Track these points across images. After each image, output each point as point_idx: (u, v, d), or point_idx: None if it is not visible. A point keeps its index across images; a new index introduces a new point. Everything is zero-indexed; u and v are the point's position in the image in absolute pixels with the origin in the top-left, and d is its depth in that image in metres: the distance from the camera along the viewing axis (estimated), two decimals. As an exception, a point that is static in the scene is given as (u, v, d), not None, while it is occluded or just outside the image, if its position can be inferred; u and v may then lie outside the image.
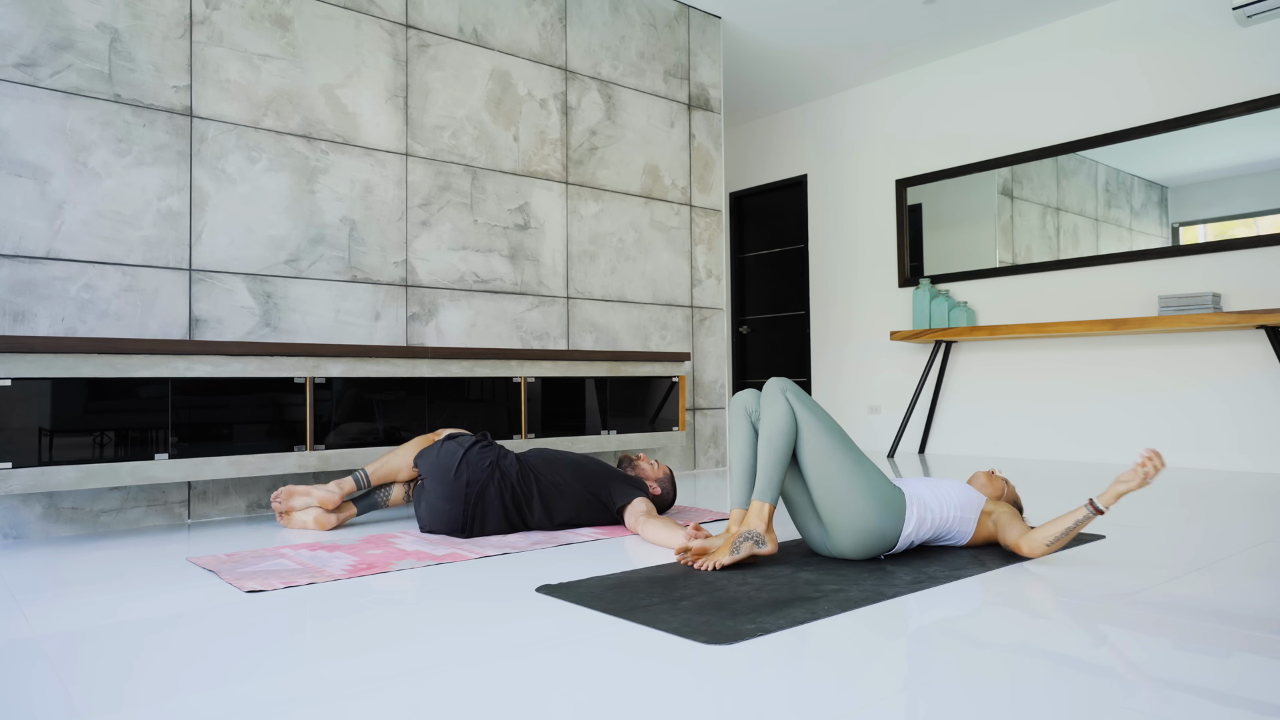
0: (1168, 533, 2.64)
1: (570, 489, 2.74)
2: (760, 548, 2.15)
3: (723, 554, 2.13)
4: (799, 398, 2.27)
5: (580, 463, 2.82)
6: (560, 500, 2.73)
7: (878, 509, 2.16)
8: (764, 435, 2.22)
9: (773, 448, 2.20)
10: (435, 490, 2.66)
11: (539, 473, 2.76)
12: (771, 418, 2.23)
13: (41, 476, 2.56)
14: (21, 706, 1.28)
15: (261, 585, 2.02)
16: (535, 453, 2.84)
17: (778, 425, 2.21)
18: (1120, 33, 4.89)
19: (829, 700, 1.27)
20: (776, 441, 2.20)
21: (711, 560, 2.12)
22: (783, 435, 2.21)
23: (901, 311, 5.92)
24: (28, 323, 2.80)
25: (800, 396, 2.27)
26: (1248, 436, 4.39)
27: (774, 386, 2.29)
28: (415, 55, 3.74)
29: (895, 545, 2.21)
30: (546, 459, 2.82)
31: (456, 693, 1.32)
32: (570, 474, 2.77)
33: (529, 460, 2.80)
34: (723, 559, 2.11)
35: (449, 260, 3.80)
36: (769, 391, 2.29)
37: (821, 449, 2.20)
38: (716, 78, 4.97)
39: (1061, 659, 1.45)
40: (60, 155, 2.88)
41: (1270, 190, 4.35)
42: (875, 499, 2.16)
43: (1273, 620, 1.68)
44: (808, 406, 2.26)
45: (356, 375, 3.20)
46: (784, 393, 2.26)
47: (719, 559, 2.12)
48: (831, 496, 2.18)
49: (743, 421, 2.36)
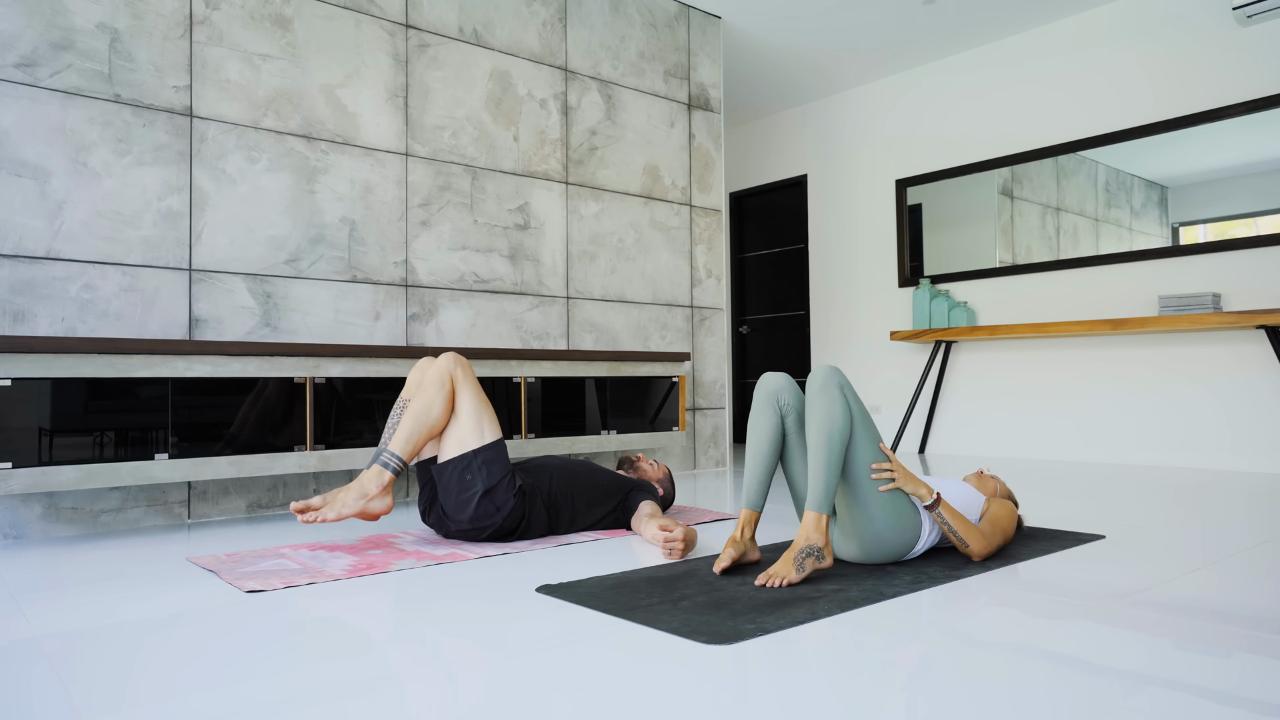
0: (1167, 533, 2.64)
1: (594, 508, 2.72)
2: (821, 563, 1.99)
3: (789, 572, 1.95)
4: (853, 394, 2.08)
5: (596, 483, 2.72)
6: (587, 518, 2.72)
7: (895, 528, 2.10)
8: (818, 434, 2.01)
9: (830, 450, 1.99)
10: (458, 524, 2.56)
11: (563, 499, 2.65)
12: (826, 414, 2.01)
13: (41, 476, 2.56)
14: (21, 706, 1.28)
15: (261, 585, 2.02)
16: (544, 471, 2.68)
17: (836, 424, 2.00)
18: (1120, 32, 4.89)
19: (829, 700, 1.27)
20: (835, 443, 2.00)
21: (781, 578, 1.94)
22: (840, 436, 2.00)
23: (901, 311, 5.92)
24: (28, 323, 2.80)
25: (853, 392, 2.09)
26: (1246, 437, 4.39)
27: (829, 379, 2.05)
28: (415, 55, 3.74)
29: (903, 558, 2.20)
30: (562, 481, 2.67)
31: (457, 693, 1.32)
32: (592, 494, 2.69)
33: (550, 489, 2.64)
34: (792, 577, 1.94)
35: (449, 260, 3.81)
36: (821, 383, 2.05)
37: (863, 457, 2.06)
38: (716, 78, 4.97)
39: (1061, 659, 1.45)
40: (60, 155, 2.88)
41: (1270, 190, 4.35)
42: (896, 518, 2.09)
43: (1273, 620, 1.68)
44: (860, 405, 2.09)
45: (356, 375, 3.20)
46: (840, 388, 2.05)
47: (789, 577, 1.94)
48: (855, 505, 2.09)
49: (768, 411, 2.14)
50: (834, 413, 2.02)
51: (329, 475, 3.43)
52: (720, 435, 4.89)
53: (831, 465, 2.00)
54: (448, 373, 2.50)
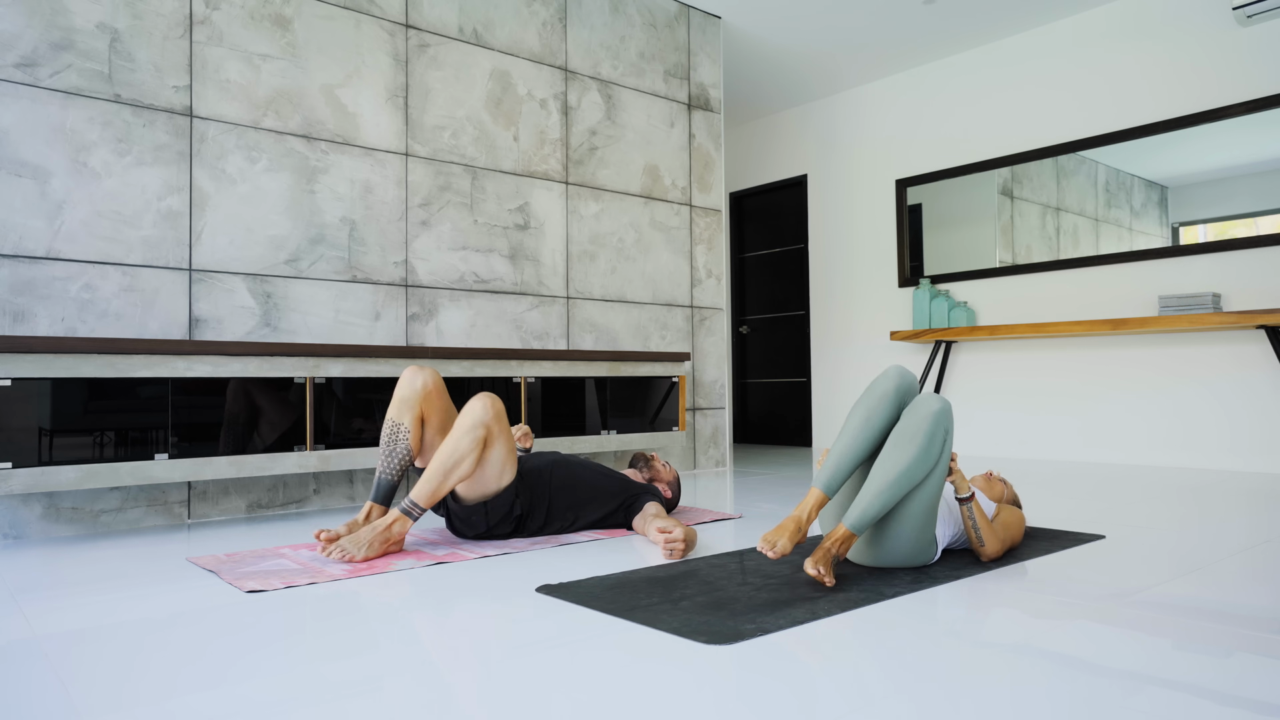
0: (1167, 533, 2.64)
1: (596, 507, 2.71)
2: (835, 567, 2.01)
3: (830, 573, 1.92)
4: (951, 437, 2.03)
5: (597, 485, 2.70)
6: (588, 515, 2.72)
7: (918, 548, 2.09)
8: (895, 469, 1.96)
9: (896, 490, 1.96)
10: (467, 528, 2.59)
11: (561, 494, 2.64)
12: (917, 459, 1.96)
13: (41, 476, 2.56)
14: (21, 706, 1.28)
15: (261, 585, 2.02)
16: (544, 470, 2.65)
17: (918, 473, 1.97)
18: (1120, 33, 4.89)
19: (829, 700, 1.27)
20: (903, 487, 1.96)
21: (826, 578, 1.91)
22: (914, 484, 1.98)
23: (901, 311, 5.92)
24: (28, 323, 2.80)
25: (952, 435, 2.04)
26: (1246, 437, 4.39)
27: (941, 421, 1.98)
28: (415, 55, 3.74)
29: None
30: (562, 483, 2.65)
31: (457, 693, 1.32)
32: (595, 494, 2.69)
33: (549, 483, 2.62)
34: (830, 580, 1.91)
35: (449, 260, 3.81)
36: (933, 425, 1.97)
37: (922, 490, 2.02)
38: (716, 78, 4.97)
39: (1061, 659, 1.45)
40: (60, 155, 2.88)
41: (1270, 190, 4.35)
42: (920, 539, 2.07)
43: (1272, 620, 1.68)
44: (950, 448, 2.05)
45: (356, 375, 3.20)
46: (946, 434, 1.99)
47: (829, 579, 1.91)
48: (891, 523, 2.05)
49: (893, 405, 2.05)
50: (925, 462, 1.97)
51: (329, 475, 3.43)
52: (720, 435, 4.89)
53: (888, 502, 1.96)
54: (482, 424, 2.36)
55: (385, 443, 2.51)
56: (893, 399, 2.07)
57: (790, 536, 1.96)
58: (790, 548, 1.96)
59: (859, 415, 2.08)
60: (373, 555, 2.30)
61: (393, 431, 2.51)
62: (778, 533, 1.98)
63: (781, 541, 1.95)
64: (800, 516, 2.01)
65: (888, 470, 1.97)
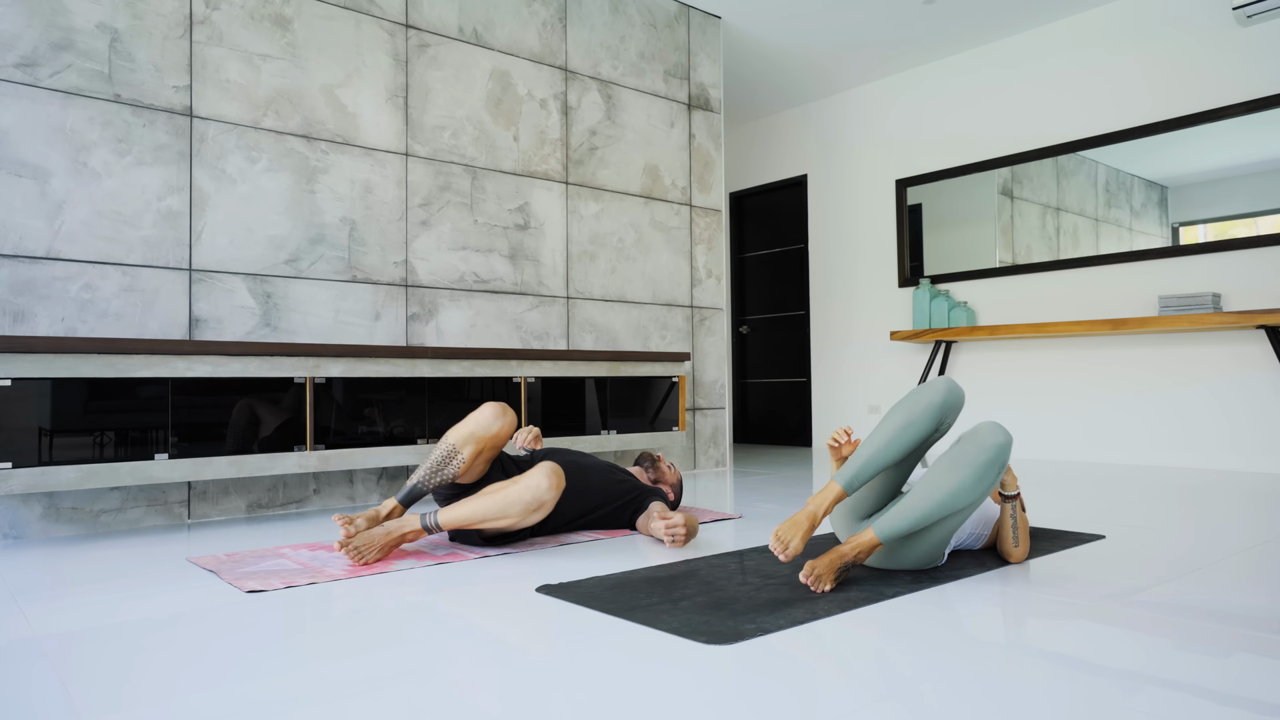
0: (1167, 533, 2.64)
1: (601, 511, 2.70)
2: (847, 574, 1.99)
3: (830, 580, 1.90)
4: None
5: (609, 491, 2.69)
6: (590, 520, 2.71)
7: (932, 557, 2.08)
8: (942, 495, 1.90)
9: (934, 514, 1.91)
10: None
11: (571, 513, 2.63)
12: (966, 493, 1.90)
13: (41, 476, 2.56)
14: (21, 706, 1.28)
15: (261, 585, 2.02)
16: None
17: (963, 506, 1.92)
18: (1120, 33, 4.89)
19: (829, 700, 1.27)
20: (943, 513, 1.92)
21: (824, 585, 1.89)
22: (956, 513, 1.95)
23: (901, 311, 5.92)
24: (28, 323, 2.80)
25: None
26: (1245, 437, 4.39)
27: (999, 456, 1.90)
28: (415, 55, 3.74)
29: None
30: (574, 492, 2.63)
31: (456, 693, 1.32)
32: (602, 503, 2.67)
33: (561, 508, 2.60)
34: (828, 586, 1.90)
35: (449, 260, 3.80)
36: (990, 458, 1.90)
37: (967, 512, 1.98)
38: (716, 78, 4.97)
39: (1061, 659, 1.45)
40: (60, 155, 2.88)
41: (1270, 190, 4.35)
42: (932, 554, 2.06)
43: (1273, 620, 1.68)
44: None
45: (356, 375, 3.20)
46: (1000, 470, 1.92)
47: (826, 586, 1.90)
48: (915, 535, 2.02)
49: (930, 421, 1.99)
50: (975, 491, 1.91)
51: (329, 475, 3.43)
52: (720, 435, 4.89)
53: (926, 521, 1.93)
54: (542, 504, 2.34)
55: (436, 460, 2.44)
56: (937, 413, 2.00)
57: (804, 536, 1.94)
58: (802, 548, 1.94)
59: (897, 420, 2.00)
60: (380, 559, 2.29)
61: (448, 455, 2.43)
62: (791, 529, 1.94)
63: (794, 542, 1.93)
64: (815, 512, 1.96)
65: (936, 491, 1.91)
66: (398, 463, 3.29)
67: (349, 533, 2.28)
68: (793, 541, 1.93)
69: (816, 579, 1.89)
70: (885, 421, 2.02)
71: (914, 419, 1.99)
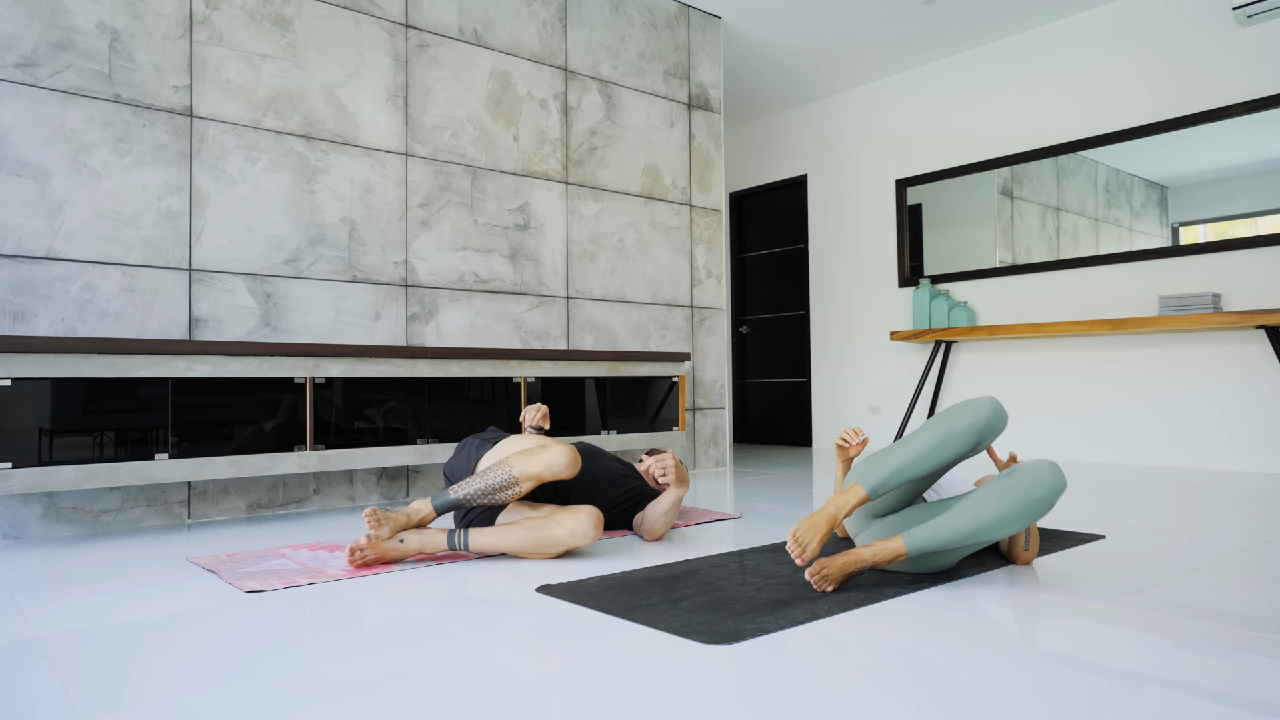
0: (1167, 533, 2.64)
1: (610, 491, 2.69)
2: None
3: (834, 582, 1.89)
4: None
5: (614, 498, 2.67)
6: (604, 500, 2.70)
7: (932, 570, 2.07)
8: (981, 523, 1.86)
9: (968, 539, 1.87)
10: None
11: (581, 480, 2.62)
12: (1006, 525, 1.87)
13: (41, 476, 2.56)
14: (21, 706, 1.28)
15: (262, 585, 2.02)
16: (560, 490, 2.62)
17: (999, 536, 1.89)
18: (1120, 33, 4.89)
19: (829, 700, 1.27)
20: (976, 541, 1.88)
21: (828, 585, 1.89)
22: (988, 541, 1.90)
23: (901, 311, 5.92)
24: (28, 323, 2.80)
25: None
26: (1245, 437, 4.39)
27: (1051, 498, 1.86)
28: (415, 55, 3.74)
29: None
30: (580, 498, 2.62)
31: (456, 693, 1.32)
32: (608, 506, 2.66)
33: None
34: (830, 588, 1.90)
35: (449, 260, 3.81)
36: (1043, 495, 1.85)
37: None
38: (716, 78, 4.97)
39: (1062, 659, 1.45)
40: (60, 155, 2.88)
41: (1270, 190, 4.35)
42: (941, 566, 2.05)
43: (1272, 620, 1.68)
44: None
45: (356, 375, 3.20)
46: (1048, 510, 1.89)
47: (829, 587, 1.89)
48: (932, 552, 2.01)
49: (966, 442, 1.92)
50: (1016, 526, 1.87)
51: (329, 475, 3.43)
52: (720, 435, 4.89)
53: (959, 543, 1.89)
54: (577, 546, 2.30)
55: (493, 485, 2.31)
56: (978, 434, 1.92)
57: (823, 539, 1.91)
58: (819, 551, 1.90)
59: (935, 434, 1.93)
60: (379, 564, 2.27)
61: (508, 483, 2.31)
62: (810, 531, 1.90)
63: (812, 545, 1.89)
64: (836, 515, 1.92)
65: (977, 517, 1.87)
66: (398, 463, 3.29)
67: (377, 536, 2.21)
68: (811, 544, 1.90)
69: (823, 579, 1.88)
70: (922, 432, 1.94)
71: (953, 435, 1.92)
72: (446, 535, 2.29)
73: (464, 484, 2.32)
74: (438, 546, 2.28)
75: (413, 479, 3.69)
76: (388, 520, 2.26)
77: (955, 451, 1.92)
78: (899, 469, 1.92)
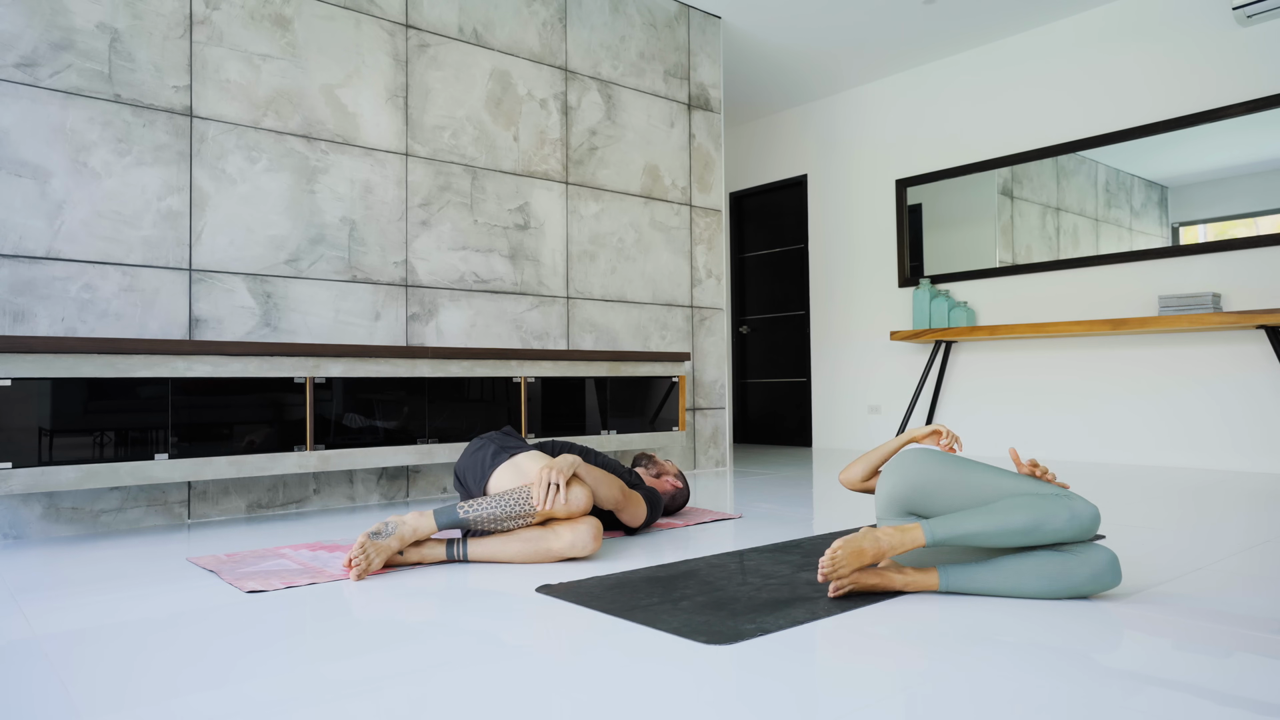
0: (1167, 533, 2.64)
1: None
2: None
3: (850, 584, 1.85)
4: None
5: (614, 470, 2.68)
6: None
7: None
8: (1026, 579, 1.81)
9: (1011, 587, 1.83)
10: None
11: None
12: (1049, 588, 1.81)
13: (41, 476, 2.56)
14: (21, 706, 1.28)
15: (262, 585, 2.02)
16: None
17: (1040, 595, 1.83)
18: (1120, 33, 4.89)
19: (829, 700, 1.27)
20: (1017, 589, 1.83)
21: (843, 586, 1.84)
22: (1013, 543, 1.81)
23: (901, 311, 5.92)
24: (28, 323, 2.80)
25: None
26: (1246, 437, 4.39)
27: (1112, 586, 1.81)
28: (415, 55, 3.74)
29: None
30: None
31: (456, 693, 1.32)
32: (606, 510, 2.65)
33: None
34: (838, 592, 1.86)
35: (449, 260, 3.81)
36: (1109, 579, 1.80)
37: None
38: (716, 78, 4.97)
39: (1061, 659, 1.45)
40: (60, 155, 2.88)
41: (1270, 190, 4.35)
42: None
43: (1272, 620, 1.68)
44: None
45: (356, 375, 3.20)
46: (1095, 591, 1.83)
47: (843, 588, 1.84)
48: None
49: (1052, 537, 1.78)
50: (1055, 594, 1.82)
51: (329, 475, 3.43)
52: (720, 435, 4.89)
53: (987, 593, 1.84)
54: (576, 556, 2.28)
55: (508, 514, 2.26)
56: (1059, 539, 1.80)
57: (859, 570, 1.84)
58: (850, 583, 1.83)
59: (1023, 520, 1.78)
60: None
61: (524, 513, 2.26)
62: (853, 558, 1.79)
63: (847, 573, 1.81)
64: (885, 552, 1.80)
65: (1019, 586, 1.82)
66: (398, 463, 3.29)
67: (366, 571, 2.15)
68: (845, 570, 1.80)
69: (838, 580, 1.81)
70: (1009, 508, 1.79)
71: (1037, 529, 1.77)
72: (445, 546, 2.28)
73: (477, 505, 2.25)
74: (436, 557, 2.27)
75: (413, 479, 3.69)
76: (380, 551, 2.16)
77: (1032, 543, 1.80)
78: (970, 534, 1.79)
